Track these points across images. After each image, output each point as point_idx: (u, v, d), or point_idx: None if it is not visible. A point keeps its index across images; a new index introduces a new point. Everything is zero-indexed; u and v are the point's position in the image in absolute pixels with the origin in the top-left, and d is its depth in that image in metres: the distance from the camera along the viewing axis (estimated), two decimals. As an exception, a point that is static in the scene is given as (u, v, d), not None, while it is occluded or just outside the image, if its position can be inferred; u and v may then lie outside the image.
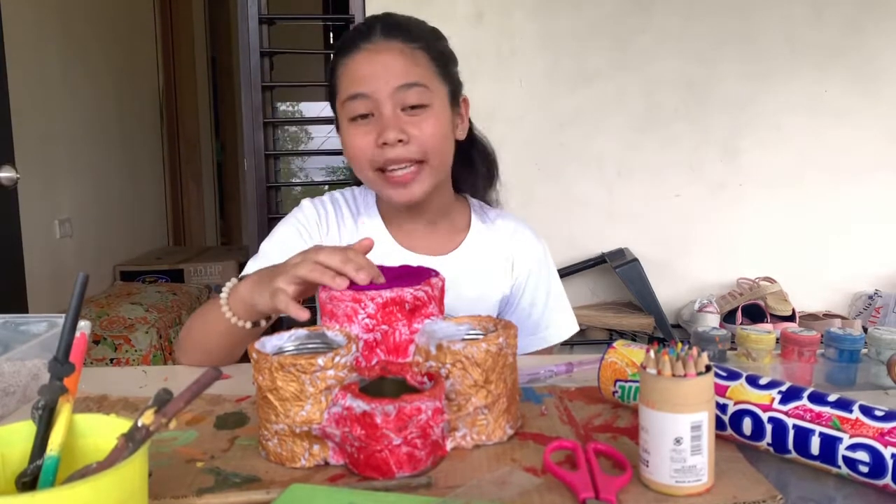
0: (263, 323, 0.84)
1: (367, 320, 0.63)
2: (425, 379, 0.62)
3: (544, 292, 1.05)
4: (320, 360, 0.58)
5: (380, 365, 0.63)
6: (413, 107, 0.90)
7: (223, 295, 0.82)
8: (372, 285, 0.65)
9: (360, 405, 0.56)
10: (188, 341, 0.90)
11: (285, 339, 0.65)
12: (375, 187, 0.95)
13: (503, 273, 1.03)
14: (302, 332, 0.66)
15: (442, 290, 0.69)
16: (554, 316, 1.05)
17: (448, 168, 0.97)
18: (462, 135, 0.99)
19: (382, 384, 0.63)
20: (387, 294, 0.63)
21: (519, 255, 1.04)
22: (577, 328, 1.07)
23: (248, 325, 0.82)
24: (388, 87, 0.88)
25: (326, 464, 0.60)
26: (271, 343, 0.64)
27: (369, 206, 1.03)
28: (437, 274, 0.69)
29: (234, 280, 0.84)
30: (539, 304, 1.04)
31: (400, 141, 0.88)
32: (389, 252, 0.98)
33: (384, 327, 0.64)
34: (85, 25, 3.04)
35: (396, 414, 0.56)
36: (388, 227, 1.01)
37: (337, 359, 0.58)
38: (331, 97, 0.97)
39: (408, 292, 0.64)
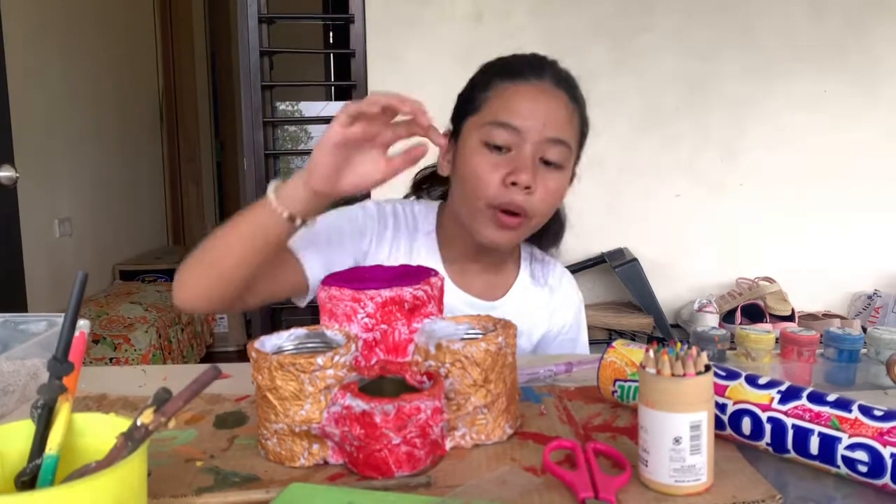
0: (311, 219, 0.77)
1: (366, 319, 0.63)
2: (425, 378, 0.62)
3: (570, 347, 1.05)
4: (319, 360, 0.58)
5: (379, 364, 0.63)
6: (549, 163, 0.87)
7: (270, 192, 0.76)
8: (371, 284, 0.65)
9: (359, 404, 0.56)
10: (195, 269, 0.81)
11: (284, 339, 0.65)
12: (477, 220, 0.89)
13: (542, 322, 1.03)
14: (301, 331, 0.66)
15: (441, 290, 0.69)
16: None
17: (538, 229, 0.93)
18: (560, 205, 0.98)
19: (382, 383, 0.62)
20: (386, 293, 0.63)
21: (559, 307, 1.03)
22: None
23: (299, 221, 0.75)
24: (541, 133, 0.85)
25: (326, 463, 0.60)
26: (270, 342, 0.64)
27: (429, 230, 0.99)
28: (436, 273, 0.69)
29: (276, 181, 0.77)
30: (567, 351, 1.04)
31: (527, 188, 0.84)
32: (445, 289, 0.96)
33: (383, 327, 0.64)
34: (85, 25, 3.04)
35: (395, 413, 0.56)
36: (443, 256, 0.98)
37: (336, 358, 0.59)
38: (463, 109, 0.91)
39: (407, 291, 0.64)
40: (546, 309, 1.03)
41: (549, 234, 1.03)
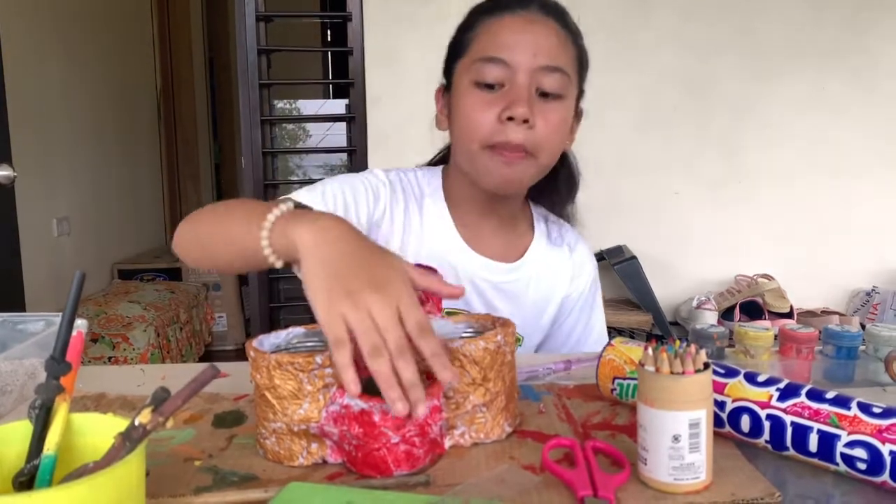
0: (297, 269, 0.66)
1: None
2: (423, 377, 0.62)
3: (588, 314, 1.03)
4: (318, 359, 0.58)
5: None
6: (546, 95, 0.82)
7: (270, 219, 0.64)
8: None
9: (357, 403, 0.56)
10: (196, 242, 0.77)
11: (283, 338, 0.65)
12: (478, 164, 0.84)
13: (562, 286, 1.00)
14: (300, 330, 0.66)
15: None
16: (593, 336, 1.03)
17: (545, 173, 0.89)
18: (569, 146, 0.93)
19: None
20: None
21: (578, 272, 1.01)
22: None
23: (281, 263, 0.66)
24: (532, 63, 0.80)
25: (324, 462, 0.60)
26: (269, 341, 0.64)
27: (435, 191, 0.94)
28: (434, 272, 0.69)
29: (289, 204, 0.67)
30: (581, 323, 1.02)
31: (525, 122, 0.79)
32: (459, 258, 0.92)
33: None
34: (83, 25, 3.04)
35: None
36: (455, 220, 0.93)
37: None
38: (452, 53, 0.87)
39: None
40: (568, 270, 0.99)
41: (559, 187, 0.98)
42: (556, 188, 0.98)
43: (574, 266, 1.01)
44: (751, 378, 0.61)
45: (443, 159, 1.02)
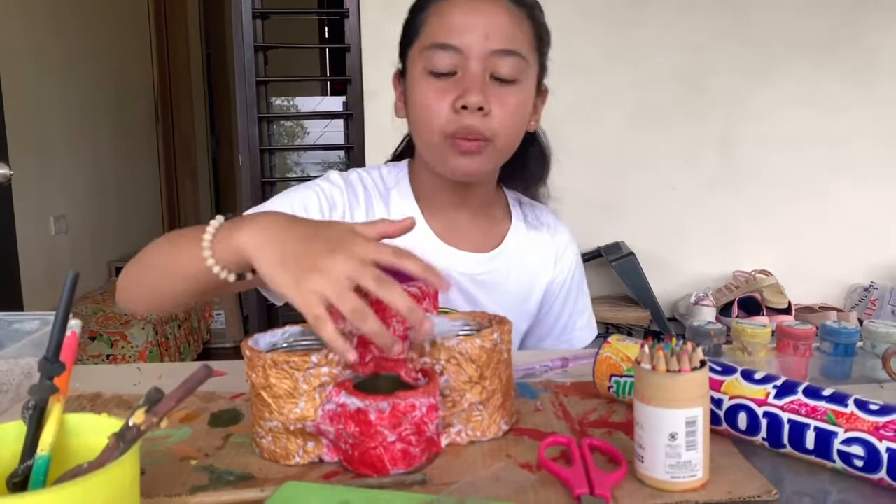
0: (250, 275, 0.64)
1: None
2: (420, 375, 0.61)
3: (574, 297, 1.01)
4: (314, 358, 0.57)
5: (374, 361, 0.63)
6: (502, 79, 0.79)
7: (207, 237, 0.63)
8: None
9: (354, 402, 0.56)
10: (138, 284, 0.74)
11: (279, 336, 0.65)
12: (438, 154, 0.83)
13: (546, 270, 0.97)
14: (295, 329, 0.66)
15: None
16: (582, 320, 1.02)
17: (508, 157, 0.87)
18: (534, 127, 0.91)
19: (377, 381, 0.62)
20: None
21: (561, 254, 0.99)
22: (597, 332, 1.02)
23: (233, 277, 0.64)
24: (484, 47, 0.77)
25: (321, 461, 0.60)
26: (265, 340, 0.64)
27: (401, 185, 0.92)
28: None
29: (219, 219, 0.64)
30: (569, 307, 1.00)
31: (480, 109, 0.78)
32: (432, 253, 0.86)
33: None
34: (79, 22, 3.03)
35: (391, 411, 0.56)
36: (426, 214, 0.90)
37: (331, 356, 0.58)
38: (404, 41, 0.86)
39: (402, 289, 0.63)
40: (551, 254, 0.97)
41: (530, 168, 0.96)
42: (526, 169, 0.96)
43: (557, 249, 0.98)
44: (748, 375, 0.61)
45: (408, 151, 0.99)
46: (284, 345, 0.65)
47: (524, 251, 0.96)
